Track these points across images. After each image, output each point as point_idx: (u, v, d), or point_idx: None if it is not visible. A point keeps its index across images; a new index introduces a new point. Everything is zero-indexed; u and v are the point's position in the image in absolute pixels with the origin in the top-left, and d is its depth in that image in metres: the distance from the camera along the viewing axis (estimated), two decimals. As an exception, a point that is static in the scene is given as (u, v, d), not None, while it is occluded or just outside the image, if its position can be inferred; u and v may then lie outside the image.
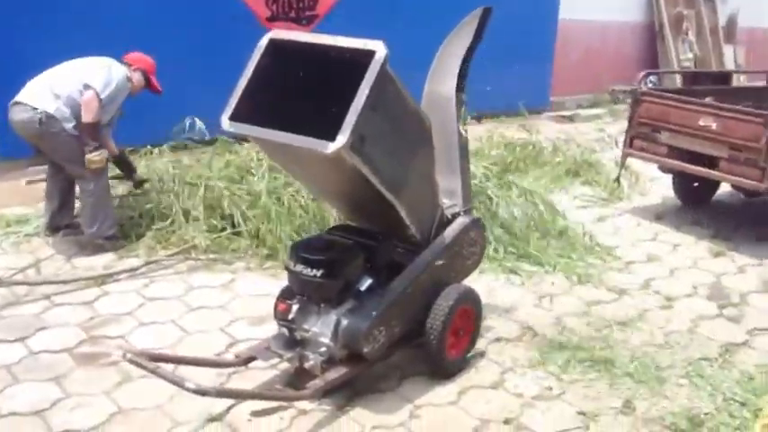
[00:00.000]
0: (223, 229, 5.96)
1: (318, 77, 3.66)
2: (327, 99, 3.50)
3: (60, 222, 6.09)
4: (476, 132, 9.29)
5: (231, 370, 4.20)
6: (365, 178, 3.55)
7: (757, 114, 6.20)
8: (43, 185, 6.17)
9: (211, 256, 5.80)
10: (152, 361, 3.59)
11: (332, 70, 3.61)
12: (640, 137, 7.05)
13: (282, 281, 5.24)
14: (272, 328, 4.64)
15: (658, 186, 8.11)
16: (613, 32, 13.27)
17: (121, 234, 6.02)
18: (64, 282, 5.30)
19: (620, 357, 4.61)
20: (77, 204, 6.13)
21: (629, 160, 7.56)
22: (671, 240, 6.74)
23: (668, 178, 7.77)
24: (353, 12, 9.13)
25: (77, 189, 5.99)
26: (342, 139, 3.26)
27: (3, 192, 6.93)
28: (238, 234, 5.96)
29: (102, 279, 5.39)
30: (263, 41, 3.74)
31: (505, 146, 8.59)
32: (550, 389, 4.27)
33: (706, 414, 4.12)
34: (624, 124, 10.93)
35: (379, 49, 3.40)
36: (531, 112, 11.00)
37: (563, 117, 11.79)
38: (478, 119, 10.41)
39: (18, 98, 5.70)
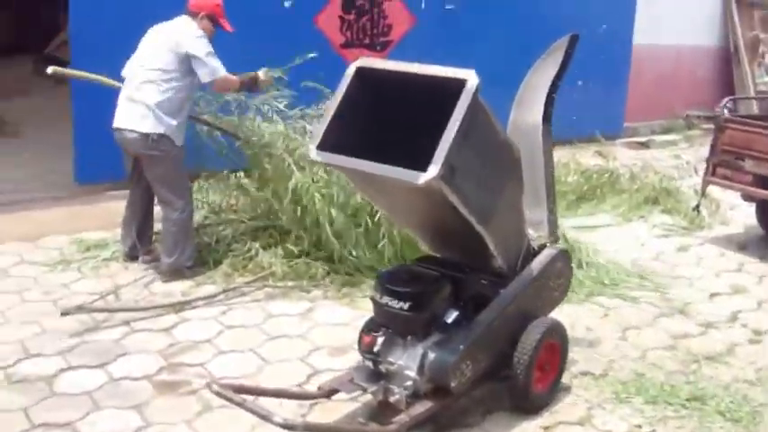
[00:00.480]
0: (299, 255, 5.91)
1: (406, 106, 3.62)
2: (416, 129, 3.46)
3: (138, 251, 6.10)
4: (551, 158, 9.19)
5: (312, 401, 4.14)
6: (454, 208, 3.48)
7: None
8: (119, 206, 6.22)
9: (289, 283, 5.77)
10: (236, 392, 3.54)
11: (420, 99, 3.56)
12: (723, 164, 6.86)
13: (360, 310, 5.29)
14: (352, 359, 4.63)
15: (739, 215, 7.88)
16: (687, 57, 13.02)
17: (199, 260, 6.02)
18: (143, 309, 5.32)
19: (709, 394, 4.46)
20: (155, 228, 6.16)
21: (709, 188, 7.37)
22: (756, 271, 6.53)
23: (750, 207, 7.56)
24: (427, 38, 9.10)
25: (160, 215, 6.00)
26: (434, 169, 3.20)
27: (82, 216, 7.01)
28: (315, 259, 5.93)
29: (181, 306, 5.39)
30: (351, 69, 3.70)
31: (581, 173, 8.44)
32: (639, 426, 4.14)
33: (802, 455, 3.96)
34: (700, 150, 10.90)
35: (471, 77, 3.35)
36: (604, 139, 10.85)
37: (638, 143, 11.58)
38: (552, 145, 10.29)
39: (120, 124, 5.70)
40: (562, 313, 5.03)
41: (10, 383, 4.37)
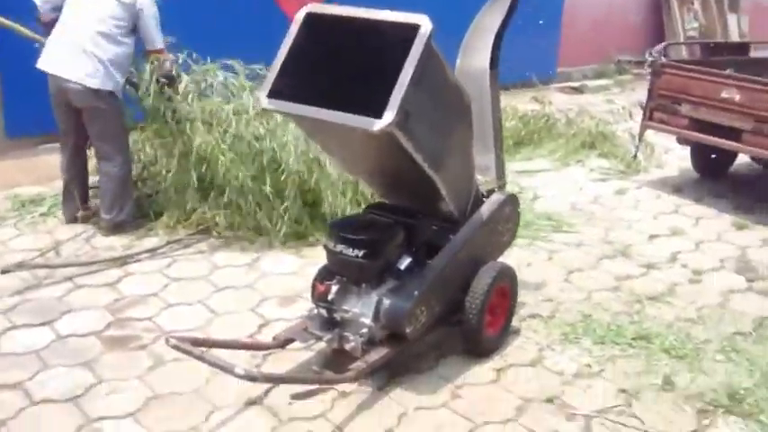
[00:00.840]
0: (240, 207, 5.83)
1: (357, 52, 3.57)
2: (367, 74, 3.42)
3: (77, 210, 5.94)
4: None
5: (266, 352, 4.13)
6: (407, 154, 3.46)
7: (782, 86, 6.13)
8: (53, 159, 6.06)
9: (232, 233, 5.71)
10: (193, 345, 3.51)
11: (371, 45, 3.51)
12: (660, 109, 6.96)
13: (307, 258, 5.27)
14: (302, 308, 4.63)
15: (674, 158, 8.04)
16: (619, 2, 13.14)
17: (139, 213, 5.92)
18: (86, 264, 5.21)
19: (654, 333, 4.56)
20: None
21: (646, 132, 7.49)
22: (692, 213, 6.68)
23: (683, 150, 7.72)
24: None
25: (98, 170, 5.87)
26: (389, 116, 3.17)
27: (13, 170, 6.84)
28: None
29: (124, 260, 5.30)
30: (300, 15, 3.63)
31: (519, 118, 8.50)
32: (589, 366, 4.22)
33: (745, 389, 4.07)
34: (632, 95, 11.10)
35: (425, 23, 3.31)
36: (538, 83, 10.93)
37: (571, 88, 11.70)
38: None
39: (65, 74, 5.45)
40: (508, 257, 5.10)
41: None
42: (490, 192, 4.40)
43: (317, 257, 5.21)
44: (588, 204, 6.76)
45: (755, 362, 4.33)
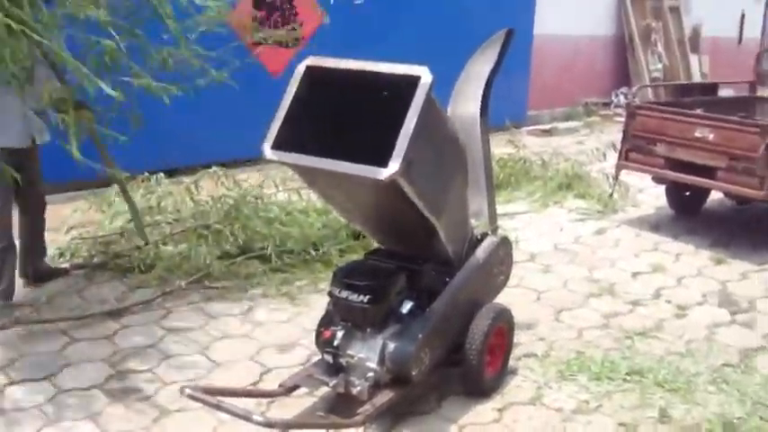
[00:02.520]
0: (235, 255, 5.94)
1: (355, 102, 3.68)
2: (366, 124, 3.53)
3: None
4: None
5: (270, 399, 4.17)
6: (410, 202, 3.56)
7: (754, 125, 6.35)
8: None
9: (226, 283, 5.77)
10: (209, 395, 3.55)
11: (370, 96, 3.63)
12: (635, 149, 7.15)
13: (300, 306, 5.35)
14: (301, 355, 4.68)
15: (649, 197, 8.25)
16: (585, 46, 13.47)
17: (131, 263, 5.96)
18: (81, 317, 5.23)
19: (646, 368, 4.68)
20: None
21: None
22: (672, 250, 6.85)
23: (657, 188, 7.92)
24: (337, 34, 9.17)
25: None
26: (395, 165, 3.28)
27: None
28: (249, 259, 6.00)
29: (119, 312, 5.33)
30: (301, 68, 3.74)
31: (496, 162, 8.65)
32: (587, 402, 4.31)
33: (738, 419, 4.20)
34: (601, 137, 11.34)
35: (425, 74, 3.43)
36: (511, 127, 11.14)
37: (541, 131, 11.94)
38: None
39: None
40: (499, 298, 5.21)
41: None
42: (484, 235, 4.51)
43: (309, 305, 5.32)
44: (570, 244, 6.92)
45: (746, 392, 4.48)
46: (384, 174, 3.29)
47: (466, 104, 4.55)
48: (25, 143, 5.22)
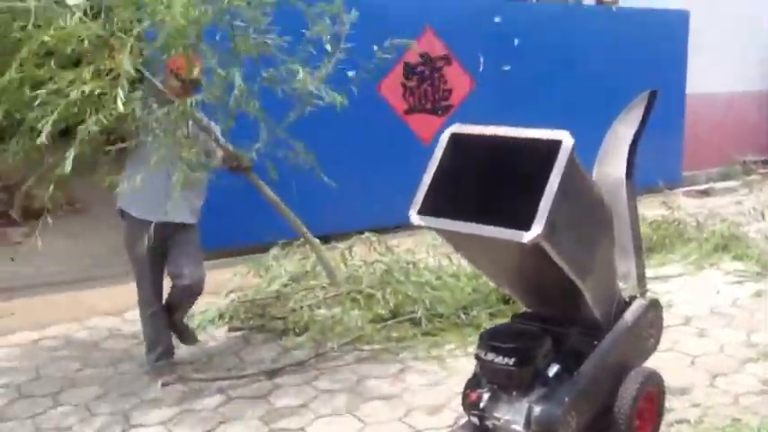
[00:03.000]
0: (386, 319, 6.08)
1: (499, 168, 3.76)
2: (510, 189, 3.60)
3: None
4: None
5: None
6: (555, 264, 3.59)
7: None
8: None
9: (377, 346, 5.89)
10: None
11: (512, 161, 3.70)
12: (796, 209, 6.91)
13: (449, 369, 5.40)
14: (449, 417, 4.74)
15: (812, 258, 7.89)
16: (738, 103, 13.13)
17: (286, 326, 6.20)
18: (238, 377, 5.47)
19: (808, 437, 4.47)
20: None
21: (780, 232, 7.44)
22: (837, 314, 6.53)
23: (822, 249, 7.59)
24: (486, 100, 9.32)
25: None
26: (537, 227, 3.32)
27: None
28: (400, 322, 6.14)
29: (273, 372, 5.53)
30: (445, 136, 3.86)
31: (648, 224, 8.52)
32: (743, 472, 4.17)
33: None
34: (761, 196, 10.95)
35: (566, 138, 3.48)
36: (665, 189, 10.92)
37: (698, 192, 11.65)
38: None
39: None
40: (650, 363, 5.11)
41: (119, 454, 4.53)
42: (632, 298, 4.46)
43: (458, 369, 5.37)
44: (727, 307, 6.69)
45: None
46: (527, 237, 3.34)
47: (611, 167, 4.54)
48: (163, 218, 5.24)
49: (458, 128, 3.89)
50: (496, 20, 9.75)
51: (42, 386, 5.48)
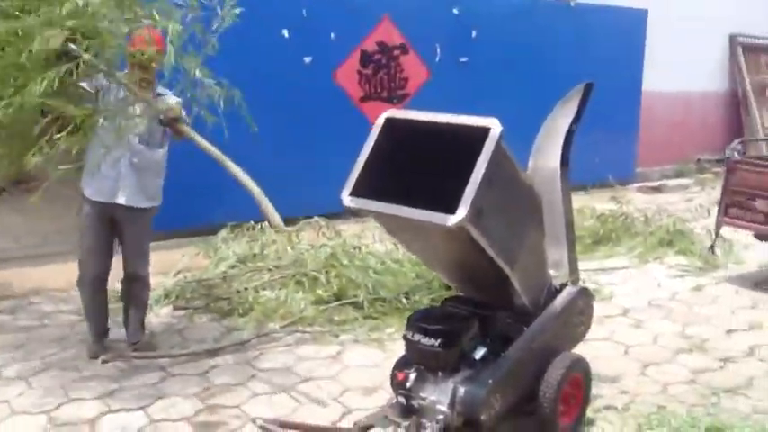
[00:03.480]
0: (328, 301, 6.15)
1: (432, 154, 3.83)
2: (442, 175, 3.67)
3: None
4: (565, 204, 9.42)
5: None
6: (481, 250, 3.67)
7: None
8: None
9: (318, 328, 5.97)
10: (281, 428, 3.72)
11: (445, 147, 3.77)
12: (735, 205, 7.06)
13: (389, 352, 5.48)
14: (384, 398, 4.80)
15: (753, 254, 8.05)
16: (697, 102, 13.32)
17: (231, 306, 6.27)
18: (178, 355, 5.52)
19: (728, 425, 4.56)
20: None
21: (723, 229, 7.57)
22: (772, 308, 6.70)
23: (764, 245, 7.73)
24: (442, 90, 9.40)
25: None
26: (462, 212, 3.40)
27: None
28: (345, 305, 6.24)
29: (215, 351, 5.58)
30: (380, 120, 3.92)
31: (597, 217, 8.66)
32: (663, 457, 4.29)
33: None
34: (712, 194, 11.13)
35: (495, 125, 3.56)
36: (618, 184, 11.09)
37: (650, 188, 11.83)
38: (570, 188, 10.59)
39: None
40: (584, 352, 5.21)
41: (54, 426, 4.56)
42: (563, 285, 4.56)
43: (397, 352, 5.43)
44: (666, 301, 6.84)
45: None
46: (452, 221, 3.41)
47: (546, 158, 4.64)
48: (111, 199, 5.32)
49: (393, 113, 3.96)
50: (455, 11, 9.83)
51: (-17, 360, 5.51)
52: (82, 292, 5.60)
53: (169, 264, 7.00)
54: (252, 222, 7.45)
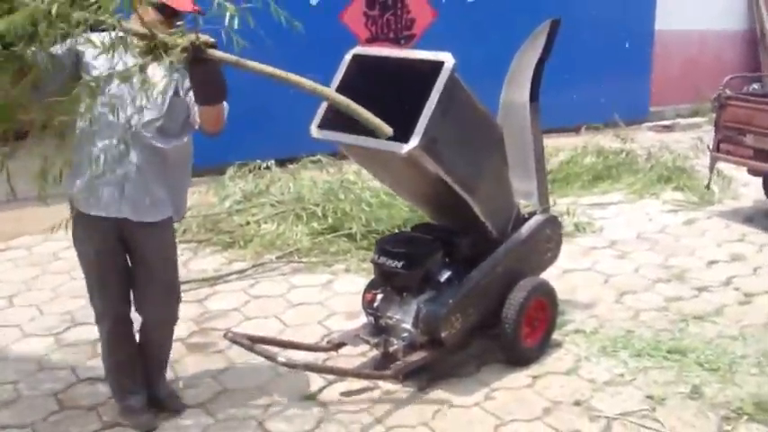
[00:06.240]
0: (323, 233, 6.45)
1: (397, 87, 4.05)
2: (406, 107, 3.90)
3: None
4: (572, 142, 9.58)
5: (325, 356, 4.62)
6: (440, 178, 3.91)
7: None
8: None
9: (313, 259, 6.29)
10: (252, 342, 4.02)
11: (409, 80, 3.99)
12: (726, 140, 7.19)
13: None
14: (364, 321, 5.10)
15: (750, 190, 8.17)
16: (713, 41, 13.26)
17: (233, 239, 6.60)
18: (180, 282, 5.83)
19: (691, 347, 4.79)
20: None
21: (724, 165, 7.72)
22: (757, 241, 6.83)
23: (759, 182, 7.85)
24: (449, 31, 9.51)
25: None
26: (414, 140, 3.65)
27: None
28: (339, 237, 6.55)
29: (214, 280, 5.91)
30: (348, 56, 4.16)
31: (598, 154, 8.81)
32: (622, 375, 4.51)
33: (774, 399, 4.26)
34: (723, 132, 11.16)
35: (448, 59, 3.79)
36: (630, 123, 11.18)
37: (662, 127, 11.88)
38: (576, 130, 10.71)
39: None
40: (562, 281, 5.47)
41: (60, 347, 4.94)
42: (531, 214, 4.79)
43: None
44: (654, 234, 7.03)
45: (790, 377, 4.53)
46: (405, 148, 3.66)
47: (516, 92, 4.82)
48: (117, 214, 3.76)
49: (360, 49, 4.20)
50: (462, -50, 9.92)
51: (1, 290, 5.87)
52: (100, 329, 4.13)
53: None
54: (258, 161, 7.74)
